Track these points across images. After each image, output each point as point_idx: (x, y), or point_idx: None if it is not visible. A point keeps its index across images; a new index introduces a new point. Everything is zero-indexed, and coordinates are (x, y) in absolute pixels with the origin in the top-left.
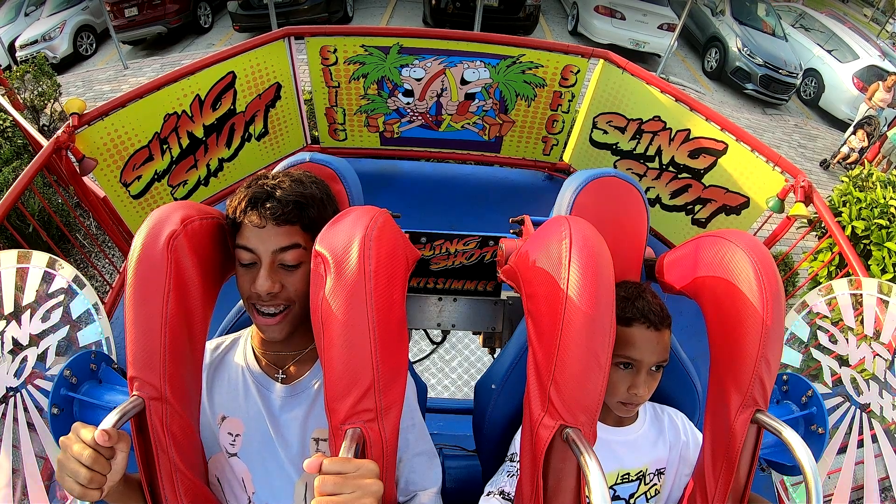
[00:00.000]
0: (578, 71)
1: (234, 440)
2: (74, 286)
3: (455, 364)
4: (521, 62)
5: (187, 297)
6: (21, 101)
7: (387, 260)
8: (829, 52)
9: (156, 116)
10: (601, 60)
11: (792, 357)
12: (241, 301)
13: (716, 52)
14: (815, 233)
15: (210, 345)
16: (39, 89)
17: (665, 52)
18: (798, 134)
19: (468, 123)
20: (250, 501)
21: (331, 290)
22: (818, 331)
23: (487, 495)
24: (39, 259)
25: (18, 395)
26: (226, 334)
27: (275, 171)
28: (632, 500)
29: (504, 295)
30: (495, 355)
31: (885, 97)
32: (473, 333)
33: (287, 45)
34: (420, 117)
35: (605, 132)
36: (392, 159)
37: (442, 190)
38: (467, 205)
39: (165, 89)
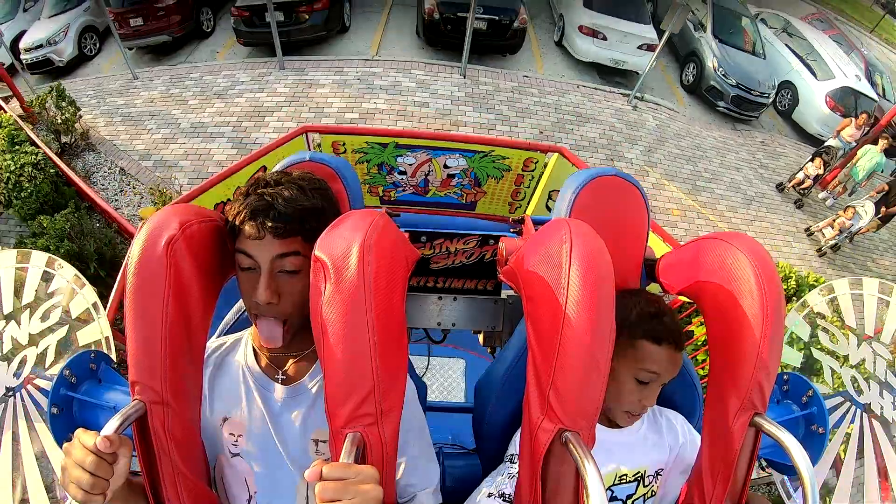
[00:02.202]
0: (538, 161)
1: (236, 441)
2: (74, 286)
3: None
4: (491, 155)
5: (187, 301)
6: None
7: (386, 264)
8: (807, 66)
9: (209, 207)
10: (556, 154)
11: (792, 357)
12: (241, 301)
13: (693, 67)
14: None
15: (210, 346)
16: (63, 117)
17: (643, 72)
18: (762, 153)
19: (449, 192)
20: (251, 501)
21: (330, 297)
22: (818, 331)
23: (489, 496)
24: (39, 259)
25: (18, 394)
26: (226, 334)
27: (274, 169)
28: (629, 502)
29: (504, 294)
30: (495, 355)
31: (853, 133)
32: (473, 332)
33: (306, 139)
34: (412, 188)
35: None
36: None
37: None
38: None
39: (216, 187)
